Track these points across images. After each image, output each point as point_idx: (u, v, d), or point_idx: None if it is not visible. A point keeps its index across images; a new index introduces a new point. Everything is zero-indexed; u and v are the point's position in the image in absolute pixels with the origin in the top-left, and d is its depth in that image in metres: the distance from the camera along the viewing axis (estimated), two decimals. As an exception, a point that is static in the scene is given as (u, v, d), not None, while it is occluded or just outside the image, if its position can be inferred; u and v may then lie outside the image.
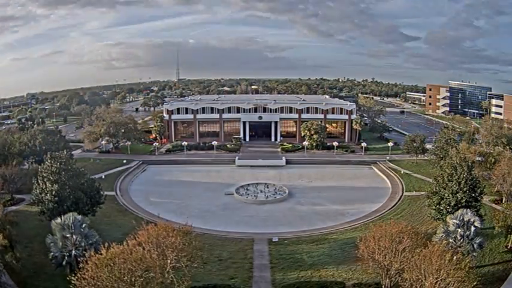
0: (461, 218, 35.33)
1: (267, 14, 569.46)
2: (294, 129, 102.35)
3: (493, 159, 59.84)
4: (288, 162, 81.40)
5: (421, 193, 56.65)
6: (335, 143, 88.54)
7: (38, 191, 42.49)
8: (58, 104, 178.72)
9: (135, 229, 30.43)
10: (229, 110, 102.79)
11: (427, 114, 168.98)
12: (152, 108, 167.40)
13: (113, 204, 55.23)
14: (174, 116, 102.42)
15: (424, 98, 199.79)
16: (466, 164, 43.39)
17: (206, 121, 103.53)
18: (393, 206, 56.46)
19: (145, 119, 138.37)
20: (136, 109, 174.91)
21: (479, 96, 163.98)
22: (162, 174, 75.32)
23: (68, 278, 24.89)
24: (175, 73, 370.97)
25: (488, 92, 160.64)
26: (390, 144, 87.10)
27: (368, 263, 31.17)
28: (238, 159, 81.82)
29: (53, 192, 40.94)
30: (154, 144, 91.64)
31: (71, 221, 33.22)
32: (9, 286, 33.03)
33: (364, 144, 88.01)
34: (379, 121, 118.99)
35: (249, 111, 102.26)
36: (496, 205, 50.43)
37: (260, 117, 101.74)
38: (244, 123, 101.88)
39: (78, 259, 30.92)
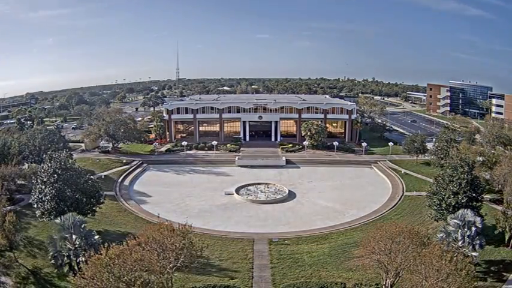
0: (462, 218, 35.20)
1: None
2: (294, 129, 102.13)
3: (493, 160, 59.79)
4: (288, 162, 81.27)
5: (421, 193, 56.57)
6: (335, 143, 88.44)
7: (37, 192, 42.43)
8: (58, 104, 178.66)
9: (135, 229, 30.38)
10: (229, 109, 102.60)
11: (427, 114, 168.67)
12: (152, 108, 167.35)
13: (112, 204, 55.13)
14: (174, 116, 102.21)
15: (424, 97, 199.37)
16: (467, 164, 43.36)
17: (206, 121, 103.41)
18: (393, 206, 56.38)
19: (145, 118, 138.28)
20: (136, 109, 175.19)
21: (480, 96, 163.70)
22: (162, 174, 75.20)
23: (67, 278, 24.87)
24: (175, 73, 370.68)
25: (489, 92, 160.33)
26: (391, 144, 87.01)
27: (368, 263, 31.12)
28: (238, 159, 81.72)
29: (53, 192, 40.89)
30: (154, 144, 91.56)
31: (70, 221, 33.19)
32: (9, 286, 33.01)
33: (364, 144, 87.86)
34: (379, 121, 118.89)
35: (249, 111, 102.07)
36: (497, 205, 50.37)
37: (260, 117, 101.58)
38: (244, 123, 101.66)
39: (78, 259, 30.94)
